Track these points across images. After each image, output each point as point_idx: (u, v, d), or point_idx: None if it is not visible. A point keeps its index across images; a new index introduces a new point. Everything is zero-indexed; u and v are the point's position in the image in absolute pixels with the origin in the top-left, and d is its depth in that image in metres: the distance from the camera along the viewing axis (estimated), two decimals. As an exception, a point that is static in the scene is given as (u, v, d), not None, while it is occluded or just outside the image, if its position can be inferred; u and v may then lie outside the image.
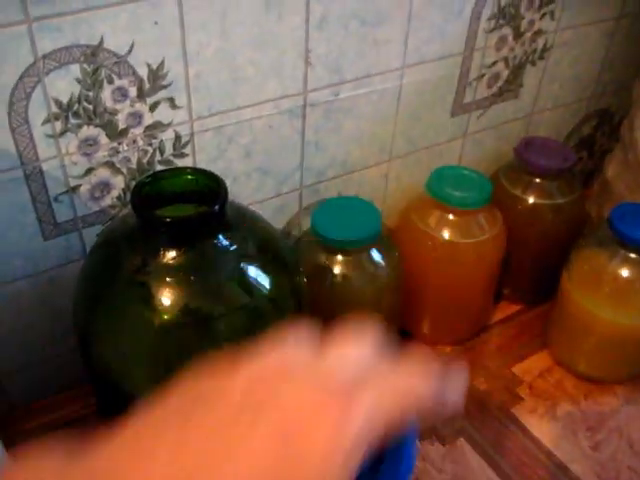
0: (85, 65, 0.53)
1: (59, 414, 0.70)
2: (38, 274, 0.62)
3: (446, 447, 0.68)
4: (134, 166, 0.60)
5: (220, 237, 0.49)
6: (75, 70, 0.53)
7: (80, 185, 0.59)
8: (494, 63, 0.76)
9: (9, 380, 0.68)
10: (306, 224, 0.74)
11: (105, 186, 0.60)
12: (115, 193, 0.61)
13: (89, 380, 0.56)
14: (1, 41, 0.49)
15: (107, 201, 0.61)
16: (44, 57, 0.51)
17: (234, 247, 0.50)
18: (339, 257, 0.65)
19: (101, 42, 0.53)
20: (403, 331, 0.77)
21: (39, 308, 0.64)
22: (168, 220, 0.47)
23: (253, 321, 0.50)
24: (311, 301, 0.56)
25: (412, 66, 0.69)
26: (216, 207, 0.48)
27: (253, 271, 0.50)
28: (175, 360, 0.50)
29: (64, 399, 0.72)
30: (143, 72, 0.56)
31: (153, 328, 0.49)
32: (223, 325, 0.49)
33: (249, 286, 0.50)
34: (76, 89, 0.54)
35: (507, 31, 0.74)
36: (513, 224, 0.74)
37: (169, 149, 0.61)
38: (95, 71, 0.54)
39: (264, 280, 0.51)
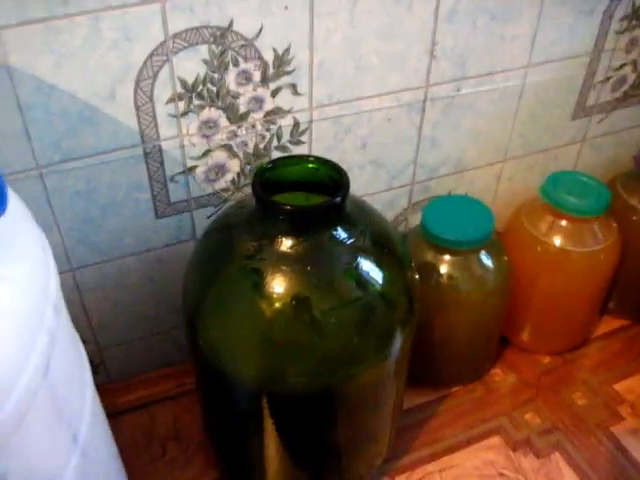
0: (213, 46, 0.53)
1: (153, 391, 0.72)
2: (147, 252, 0.63)
3: (540, 460, 0.66)
4: (250, 150, 0.60)
5: (339, 229, 0.48)
6: (203, 51, 0.53)
7: (196, 166, 0.59)
8: (622, 66, 0.72)
9: (109, 354, 0.69)
10: (414, 220, 0.73)
11: (220, 169, 0.60)
12: (229, 176, 0.61)
13: (192, 360, 0.56)
14: (134, 19, 0.50)
15: (221, 184, 0.61)
16: (174, 36, 0.51)
17: (351, 240, 0.49)
18: (447, 257, 0.64)
19: (230, 24, 0.52)
20: (501, 337, 0.75)
21: (145, 286, 0.65)
22: (289, 208, 0.46)
23: (363, 316, 0.49)
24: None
25: (537, 65, 0.67)
26: (338, 198, 0.47)
27: (367, 265, 0.49)
28: (281, 350, 0.49)
29: (159, 377, 0.73)
30: (269, 56, 0.55)
31: (263, 315, 0.48)
32: (333, 318, 0.48)
33: (362, 280, 0.49)
34: (202, 70, 0.54)
35: (639, 33, 0.70)
36: (627, 235, 0.71)
37: (286, 136, 0.60)
38: (222, 53, 0.53)
39: (377, 275, 0.50)
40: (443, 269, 0.64)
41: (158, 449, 0.66)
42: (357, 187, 0.66)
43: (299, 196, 0.52)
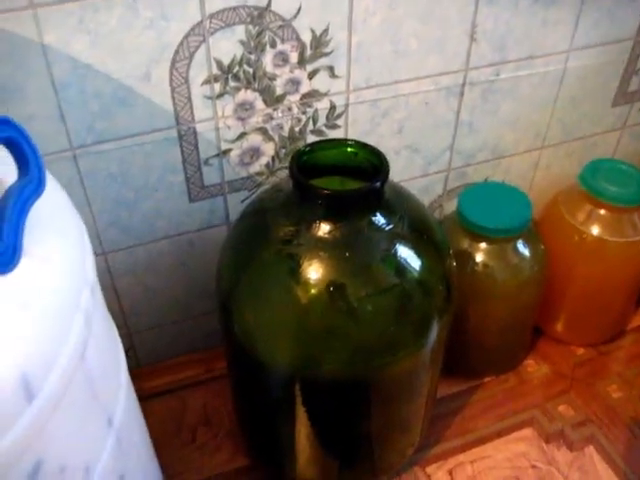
0: (250, 27, 0.52)
1: (182, 375, 0.72)
2: (180, 236, 0.62)
3: (574, 453, 0.65)
4: (286, 134, 0.59)
5: (377, 214, 0.47)
6: (240, 31, 0.52)
7: (231, 149, 0.58)
8: (665, 52, 0.70)
9: (139, 337, 0.69)
10: (449, 207, 0.71)
11: (255, 152, 0.59)
12: (264, 160, 0.60)
13: (225, 345, 0.56)
14: (171, -2, 0.49)
15: (255, 167, 0.60)
16: (211, 16, 0.50)
17: (390, 226, 0.48)
18: (483, 245, 0.63)
19: (269, 4, 0.51)
20: (535, 327, 0.74)
21: (176, 270, 0.64)
22: (328, 193, 0.45)
23: (401, 304, 0.48)
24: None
25: (578, 50, 0.65)
26: (377, 184, 0.46)
27: (405, 252, 0.48)
28: (317, 336, 0.48)
29: (188, 361, 0.73)
30: (306, 38, 0.54)
31: (298, 302, 0.47)
32: (370, 305, 0.47)
33: (400, 268, 0.48)
34: (239, 51, 0.53)
35: (684, 18, 0.68)
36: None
37: (322, 119, 0.59)
38: (259, 34, 0.52)
39: (415, 263, 0.49)
40: (479, 257, 0.63)
41: (188, 434, 0.66)
42: (392, 172, 0.63)
43: (334, 180, 0.51)
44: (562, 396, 0.70)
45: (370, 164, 0.49)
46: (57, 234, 0.34)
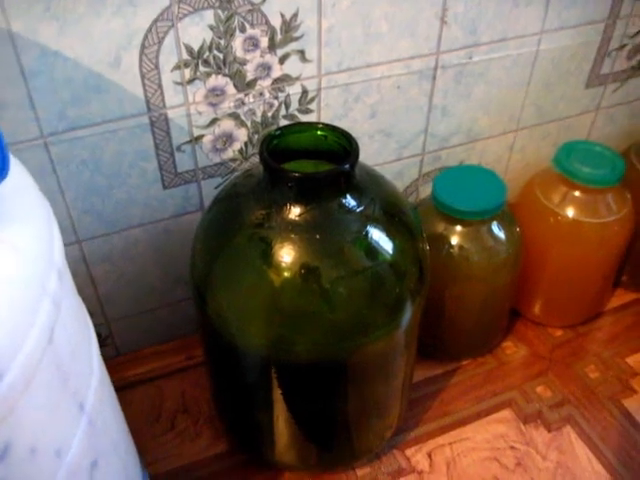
0: (219, 11, 0.52)
1: (162, 363, 0.72)
2: (154, 223, 0.62)
3: (552, 434, 0.65)
4: (258, 119, 0.59)
5: (348, 197, 0.47)
6: (209, 16, 0.52)
7: (203, 135, 0.58)
8: (637, 33, 0.71)
9: (117, 325, 0.69)
10: (424, 191, 0.72)
11: (228, 138, 0.59)
12: (237, 146, 0.60)
13: (200, 331, 0.56)
14: (139, -18, 0.49)
15: (228, 154, 0.60)
16: (179, 1, 0.50)
17: (361, 208, 0.48)
18: (458, 227, 0.63)
19: (237, -12, 0.51)
20: (512, 310, 0.75)
21: (152, 257, 0.64)
22: (298, 176, 0.46)
23: (373, 285, 0.48)
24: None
25: (551, 32, 0.65)
26: (347, 165, 0.46)
27: (377, 234, 0.48)
28: (290, 319, 0.49)
29: (168, 349, 0.73)
30: (276, 22, 0.54)
31: (271, 285, 0.48)
32: (342, 288, 0.47)
33: (372, 250, 0.48)
34: (208, 36, 0.53)
35: (656, -1, 0.69)
36: (640, 207, 0.70)
37: (295, 104, 0.59)
38: (229, 18, 0.52)
39: (387, 245, 0.49)
40: (454, 240, 0.63)
41: (167, 422, 0.66)
42: (366, 157, 0.65)
43: (308, 164, 0.51)
44: (540, 377, 0.71)
45: (342, 147, 0.49)
46: (22, 218, 0.34)
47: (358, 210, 0.48)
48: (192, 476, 0.62)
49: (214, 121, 0.57)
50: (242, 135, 0.59)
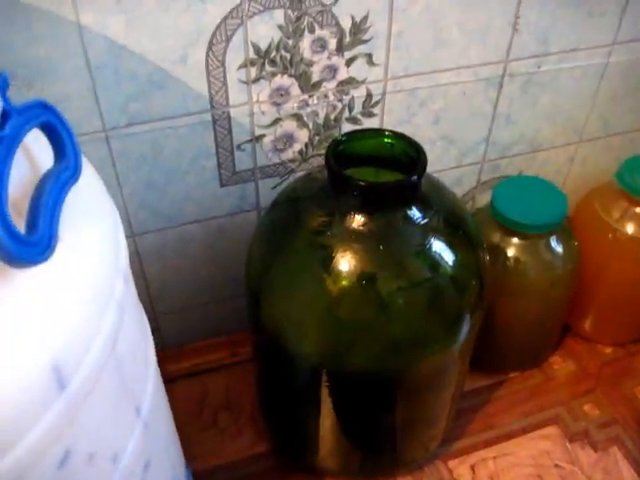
0: (289, 11, 0.51)
1: (207, 359, 0.71)
2: (209, 220, 0.62)
3: (598, 454, 0.64)
4: (321, 121, 0.58)
5: (413, 208, 0.46)
6: (279, 16, 0.51)
7: (264, 135, 0.57)
8: None
9: (165, 320, 0.69)
10: (481, 200, 0.70)
11: (289, 139, 0.58)
12: (297, 147, 0.59)
13: (251, 331, 0.55)
14: (210, -21, 0.48)
15: (288, 154, 0.59)
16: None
17: (425, 220, 0.47)
18: (515, 240, 0.62)
19: (309, -12, 0.50)
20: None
21: (204, 254, 0.64)
22: (364, 185, 0.45)
23: (433, 299, 0.48)
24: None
25: (623, 43, 0.63)
26: (414, 177, 0.45)
27: (440, 246, 0.47)
28: (346, 329, 0.48)
29: (213, 345, 0.72)
30: (346, 24, 0.53)
31: (329, 293, 0.47)
32: (401, 299, 0.47)
33: (434, 262, 0.47)
34: (276, 36, 0.52)
35: None
36: None
37: (358, 107, 0.58)
38: (298, 19, 0.51)
39: (449, 257, 0.48)
40: (510, 252, 0.62)
41: (209, 418, 0.66)
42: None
43: (369, 171, 0.50)
44: (588, 395, 0.69)
45: (406, 155, 0.48)
46: (92, 221, 0.34)
47: (422, 222, 0.47)
48: (231, 475, 0.62)
49: (276, 121, 0.57)
50: (303, 136, 0.58)
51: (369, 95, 0.58)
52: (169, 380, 0.67)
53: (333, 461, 0.59)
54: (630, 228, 0.65)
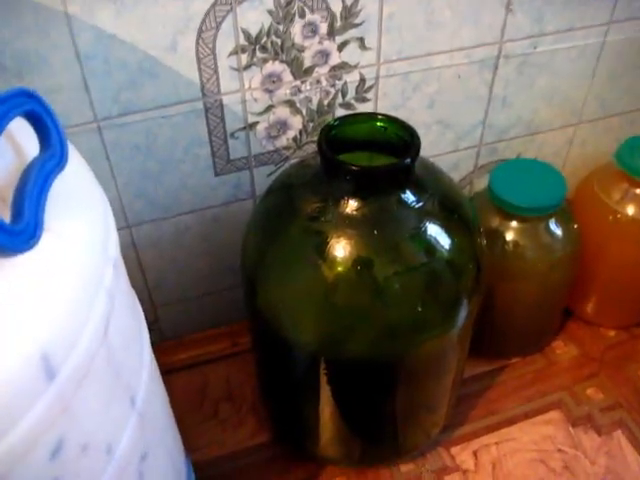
0: (280, -4, 0.50)
1: (207, 349, 0.71)
2: (205, 210, 0.61)
3: (601, 438, 0.64)
4: (314, 107, 0.57)
5: (407, 192, 0.46)
6: (268, 1, 0.50)
7: (257, 122, 0.57)
8: None
9: (163, 311, 0.68)
10: (479, 184, 0.70)
11: (282, 125, 0.58)
12: (291, 134, 0.59)
13: (249, 321, 0.55)
14: (199, -35, 0.47)
15: (282, 141, 0.59)
16: (239, -15, 0.49)
17: (420, 204, 0.46)
18: (514, 223, 0.61)
19: (298, -28, 0.50)
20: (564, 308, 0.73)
21: (201, 244, 0.64)
22: (357, 169, 0.44)
23: (429, 283, 0.47)
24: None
25: (619, 22, 0.63)
26: (408, 160, 0.45)
27: (435, 230, 0.47)
28: (343, 315, 0.48)
29: (213, 335, 0.72)
30: (336, 8, 0.52)
31: (325, 279, 0.46)
32: (398, 284, 0.46)
33: (430, 246, 0.47)
34: (267, 21, 0.51)
35: None
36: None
37: (352, 92, 0.58)
38: (288, 3, 0.51)
39: (445, 241, 0.47)
40: (509, 236, 0.61)
41: (210, 409, 0.66)
42: (423, 148, 0.62)
43: (362, 156, 0.50)
44: (591, 379, 0.69)
45: (400, 139, 0.47)
46: (79, 209, 0.33)
47: (417, 205, 0.46)
48: (233, 465, 0.62)
49: (269, 108, 0.56)
50: (297, 123, 0.58)
51: (362, 80, 0.57)
52: (169, 371, 0.68)
53: (334, 449, 0.59)
54: (630, 209, 0.65)
